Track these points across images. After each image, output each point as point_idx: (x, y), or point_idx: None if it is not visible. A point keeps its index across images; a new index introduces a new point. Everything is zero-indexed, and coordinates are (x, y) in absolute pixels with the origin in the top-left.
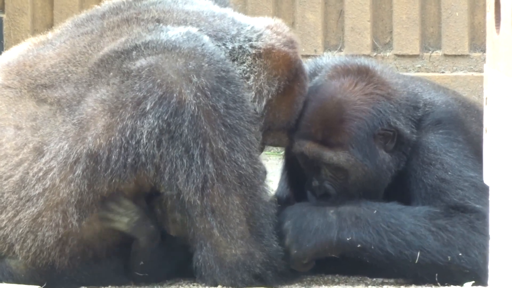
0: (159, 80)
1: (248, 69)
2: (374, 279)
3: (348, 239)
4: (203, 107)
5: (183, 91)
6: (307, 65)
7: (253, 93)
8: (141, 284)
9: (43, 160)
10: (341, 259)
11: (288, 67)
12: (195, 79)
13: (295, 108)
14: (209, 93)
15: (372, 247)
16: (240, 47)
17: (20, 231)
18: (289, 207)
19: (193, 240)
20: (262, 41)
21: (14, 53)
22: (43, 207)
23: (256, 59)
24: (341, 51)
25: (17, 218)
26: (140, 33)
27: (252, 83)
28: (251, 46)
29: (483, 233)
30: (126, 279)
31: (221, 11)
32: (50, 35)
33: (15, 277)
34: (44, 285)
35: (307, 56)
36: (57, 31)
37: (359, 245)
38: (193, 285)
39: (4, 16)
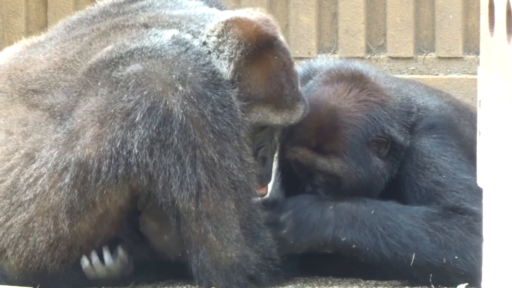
0: (146, 92)
1: (220, 40)
2: (368, 281)
3: (343, 239)
4: (191, 115)
5: (168, 101)
6: (301, 67)
7: (226, 61)
8: (134, 286)
9: (34, 166)
10: (336, 260)
11: (258, 36)
12: (180, 88)
13: (274, 80)
14: (195, 100)
15: (368, 249)
16: (209, 28)
17: (11, 236)
18: (291, 197)
19: (188, 245)
20: (232, 16)
21: (6, 55)
22: (34, 212)
23: (226, 30)
24: (335, 53)
25: (8, 223)
26: (125, 42)
27: (226, 53)
28: (221, 21)
29: (481, 235)
30: (119, 281)
31: (205, 11)
32: (42, 37)
33: (9, 279)
34: (38, 286)
35: (301, 58)
36: (49, 34)
37: (354, 246)
38: (186, 287)
39: None
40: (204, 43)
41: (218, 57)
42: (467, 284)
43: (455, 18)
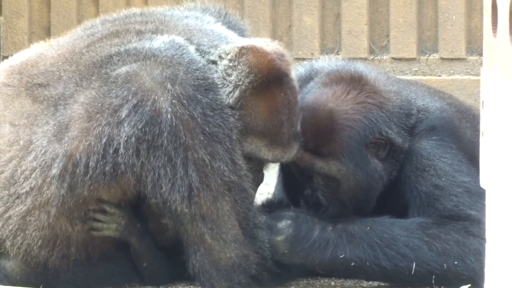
0: (134, 88)
1: (231, 64)
2: (370, 282)
3: (341, 256)
4: (180, 116)
5: (157, 99)
6: (303, 68)
7: (231, 86)
8: (137, 286)
9: (29, 158)
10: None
11: (270, 69)
12: (169, 87)
13: (274, 117)
14: (185, 101)
15: (368, 264)
16: (224, 49)
17: (10, 228)
18: (290, 209)
19: (187, 246)
20: (249, 43)
21: (22, 55)
22: (31, 205)
23: (239, 56)
24: (338, 54)
25: (7, 214)
26: (127, 41)
27: (233, 78)
28: (237, 46)
29: (478, 238)
30: (122, 281)
31: (223, 31)
32: (61, 38)
33: (11, 279)
34: (41, 287)
35: (304, 60)
36: (68, 34)
37: (352, 263)
38: None
39: (1, 18)
40: (214, 62)
41: (224, 79)
42: (470, 285)
43: (458, 19)
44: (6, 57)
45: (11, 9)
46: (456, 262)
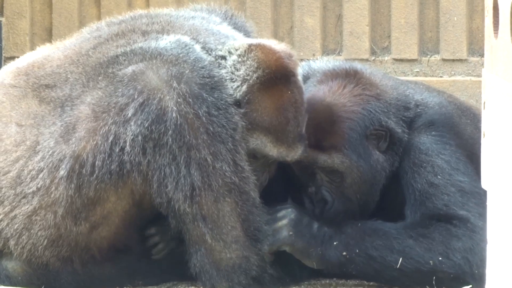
0: (140, 87)
1: (240, 60)
2: (371, 283)
3: (334, 243)
4: (185, 115)
5: (163, 97)
6: (301, 68)
7: (239, 81)
8: (140, 286)
9: (36, 159)
10: None
11: (278, 66)
12: (175, 85)
13: (281, 113)
14: (190, 100)
15: (357, 251)
16: (233, 45)
17: (15, 227)
18: (280, 208)
19: (189, 245)
20: (258, 41)
21: (29, 57)
22: (37, 205)
23: (248, 52)
24: (340, 55)
25: (13, 214)
26: (133, 41)
27: (241, 73)
28: (246, 43)
29: (464, 237)
30: (125, 281)
31: (229, 32)
32: (67, 40)
33: (12, 280)
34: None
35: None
36: (73, 37)
37: (344, 253)
38: None
39: (3, 19)
40: (223, 57)
41: (233, 73)
42: (471, 286)
43: (459, 20)
44: (8, 58)
45: (13, 10)
46: (440, 259)
